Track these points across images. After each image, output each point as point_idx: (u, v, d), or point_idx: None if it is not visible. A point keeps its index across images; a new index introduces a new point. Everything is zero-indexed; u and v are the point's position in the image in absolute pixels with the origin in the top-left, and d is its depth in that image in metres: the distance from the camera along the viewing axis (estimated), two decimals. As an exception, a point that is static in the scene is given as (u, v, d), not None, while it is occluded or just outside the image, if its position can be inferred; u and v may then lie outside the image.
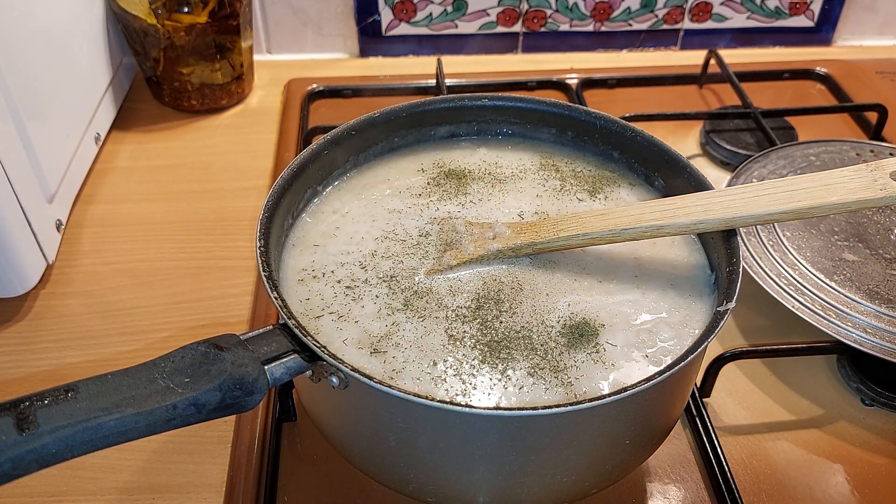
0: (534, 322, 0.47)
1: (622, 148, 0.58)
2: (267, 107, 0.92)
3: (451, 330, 0.46)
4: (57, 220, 0.69)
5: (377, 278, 0.49)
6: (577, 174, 0.58)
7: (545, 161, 0.59)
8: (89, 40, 0.80)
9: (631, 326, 0.47)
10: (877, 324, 0.58)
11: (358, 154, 0.58)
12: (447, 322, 0.47)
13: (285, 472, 0.55)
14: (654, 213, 0.48)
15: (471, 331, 0.46)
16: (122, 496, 0.54)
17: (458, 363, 0.44)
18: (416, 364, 0.44)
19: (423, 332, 0.46)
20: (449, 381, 0.43)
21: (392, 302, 0.48)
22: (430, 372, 0.44)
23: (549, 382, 0.43)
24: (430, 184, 0.57)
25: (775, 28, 1.03)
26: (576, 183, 0.57)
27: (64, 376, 0.47)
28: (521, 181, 0.58)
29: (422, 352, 0.45)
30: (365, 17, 0.98)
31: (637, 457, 0.48)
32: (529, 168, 0.59)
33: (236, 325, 0.66)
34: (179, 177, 0.82)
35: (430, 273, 0.50)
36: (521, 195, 0.57)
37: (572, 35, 1.02)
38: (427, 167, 0.59)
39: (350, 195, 0.56)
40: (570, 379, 0.44)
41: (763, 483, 0.55)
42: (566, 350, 0.45)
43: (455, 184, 0.57)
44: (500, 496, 0.44)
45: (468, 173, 0.58)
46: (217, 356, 0.38)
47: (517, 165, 0.59)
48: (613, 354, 0.45)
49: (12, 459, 0.33)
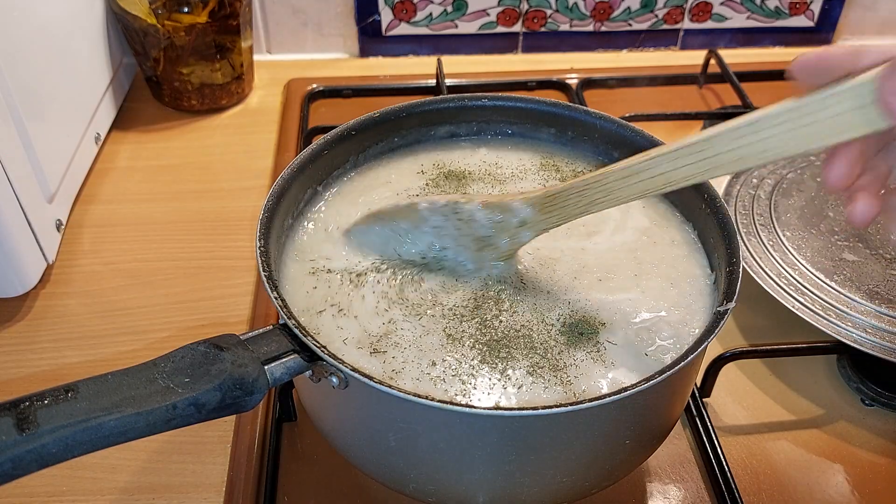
0: (534, 321, 0.47)
1: (622, 148, 0.58)
2: (267, 107, 0.92)
3: (450, 329, 0.46)
4: (57, 220, 0.69)
5: (381, 278, 0.50)
6: (578, 174, 0.58)
7: (545, 161, 0.59)
8: (89, 40, 0.80)
9: (630, 325, 0.47)
10: (877, 324, 0.58)
11: (358, 154, 0.58)
12: (445, 321, 0.47)
13: (285, 472, 0.55)
14: (688, 169, 0.41)
15: (469, 330, 0.46)
16: (122, 496, 0.54)
17: (457, 363, 0.44)
18: (415, 364, 0.44)
19: (422, 331, 0.46)
20: (448, 381, 0.44)
21: (389, 291, 0.48)
22: (429, 372, 0.44)
23: (549, 381, 0.43)
24: (430, 185, 0.57)
25: (775, 28, 1.03)
26: None
27: (64, 376, 0.47)
28: (522, 181, 0.58)
29: (421, 352, 0.45)
30: (365, 17, 0.98)
31: (637, 457, 0.48)
32: (530, 168, 0.59)
33: (236, 325, 0.66)
34: (179, 177, 0.82)
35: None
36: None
37: (572, 35, 1.02)
38: (427, 168, 0.59)
39: (350, 198, 0.56)
40: (569, 378, 0.44)
41: (763, 483, 0.55)
42: (566, 349, 0.45)
43: (455, 184, 0.57)
44: (500, 496, 0.44)
45: (468, 174, 0.58)
46: (217, 356, 0.38)
47: (517, 166, 0.59)
48: (613, 353, 0.45)
49: (12, 459, 0.33)
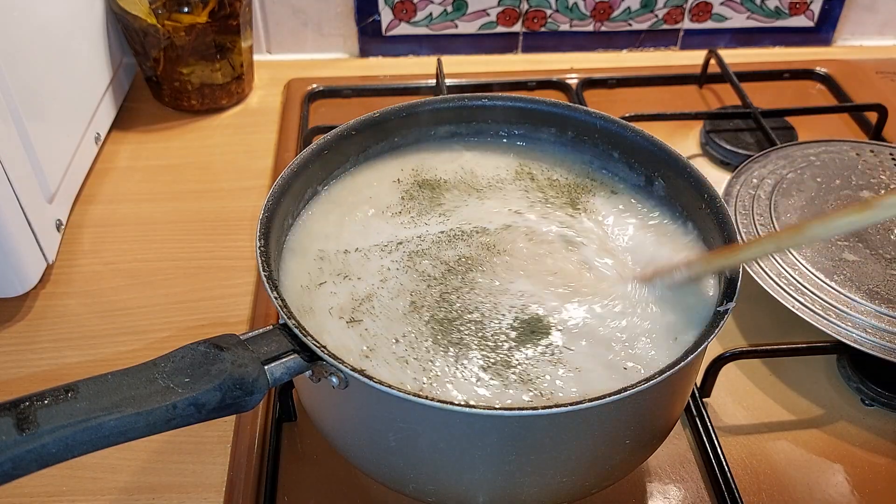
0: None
1: (622, 148, 0.58)
2: (267, 107, 0.92)
3: (415, 296, 0.47)
4: (57, 220, 0.69)
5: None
6: (554, 183, 0.58)
7: (521, 170, 0.59)
8: (89, 40, 0.80)
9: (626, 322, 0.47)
10: (877, 324, 0.58)
11: (358, 154, 0.58)
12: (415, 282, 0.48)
13: (285, 472, 0.55)
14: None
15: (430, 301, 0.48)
16: (122, 496, 0.54)
17: (415, 343, 0.45)
18: (385, 340, 0.45)
19: (395, 293, 0.48)
20: (411, 363, 0.44)
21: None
22: (395, 352, 0.44)
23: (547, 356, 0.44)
24: (405, 197, 0.57)
25: (775, 28, 1.03)
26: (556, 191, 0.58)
27: (64, 376, 0.47)
28: (500, 190, 0.57)
29: (390, 321, 0.46)
30: (365, 17, 0.98)
31: (637, 457, 0.48)
32: (506, 178, 0.58)
33: (236, 325, 0.66)
34: (179, 177, 0.82)
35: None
36: (504, 201, 0.57)
37: (572, 35, 1.02)
38: (405, 177, 0.59)
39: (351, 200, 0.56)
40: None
41: (763, 483, 0.55)
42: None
43: (429, 194, 0.57)
44: (500, 496, 0.44)
45: (444, 182, 0.58)
46: (217, 356, 0.38)
47: (493, 174, 0.59)
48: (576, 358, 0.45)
49: (12, 459, 0.33)
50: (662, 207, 0.56)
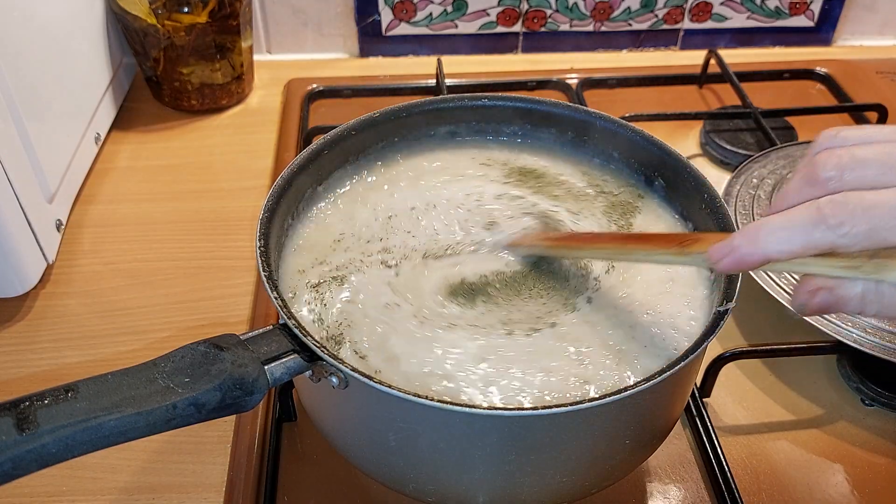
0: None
1: (622, 148, 0.58)
2: (267, 107, 0.92)
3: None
4: (57, 219, 0.69)
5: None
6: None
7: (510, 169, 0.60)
8: (89, 40, 0.80)
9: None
10: (877, 324, 0.58)
11: (358, 154, 0.58)
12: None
13: (285, 472, 0.55)
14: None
15: None
16: (122, 496, 0.54)
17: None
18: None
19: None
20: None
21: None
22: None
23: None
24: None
25: (775, 28, 1.03)
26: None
27: (64, 376, 0.47)
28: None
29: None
30: (365, 17, 0.98)
31: (637, 457, 0.48)
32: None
33: (236, 325, 0.66)
34: (179, 177, 0.82)
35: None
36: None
37: (572, 35, 1.02)
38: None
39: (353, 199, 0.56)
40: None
41: (763, 483, 0.55)
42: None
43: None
44: (500, 496, 0.44)
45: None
46: (217, 356, 0.38)
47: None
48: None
49: (12, 459, 0.33)
50: (662, 207, 0.56)
